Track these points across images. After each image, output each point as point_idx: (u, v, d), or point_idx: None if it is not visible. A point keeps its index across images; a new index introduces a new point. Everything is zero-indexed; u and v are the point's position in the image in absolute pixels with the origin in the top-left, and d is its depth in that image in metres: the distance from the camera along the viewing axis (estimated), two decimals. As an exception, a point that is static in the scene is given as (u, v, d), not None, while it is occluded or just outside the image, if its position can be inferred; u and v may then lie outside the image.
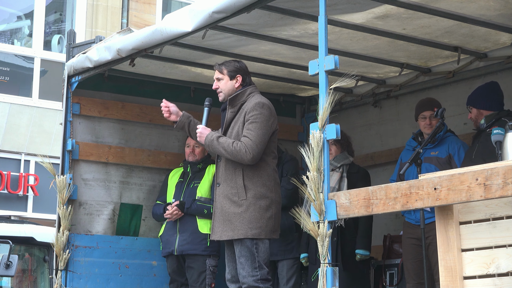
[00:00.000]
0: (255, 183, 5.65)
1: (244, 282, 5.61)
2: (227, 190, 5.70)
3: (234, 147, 5.60)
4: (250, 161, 5.60)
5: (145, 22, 14.69)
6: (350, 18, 6.10)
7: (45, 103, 14.05)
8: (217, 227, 5.75)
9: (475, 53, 6.95)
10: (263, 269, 5.61)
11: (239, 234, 5.60)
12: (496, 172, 4.03)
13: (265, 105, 5.71)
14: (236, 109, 5.79)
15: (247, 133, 5.63)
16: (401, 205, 4.50)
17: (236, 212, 5.63)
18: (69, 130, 7.30)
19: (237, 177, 5.67)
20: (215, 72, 5.90)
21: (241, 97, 5.80)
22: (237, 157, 5.61)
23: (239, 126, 5.72)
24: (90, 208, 7.39)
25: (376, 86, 7.93)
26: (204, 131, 5.79)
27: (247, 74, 5.89)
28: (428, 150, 6.49)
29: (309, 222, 4.91)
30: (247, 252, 5.60)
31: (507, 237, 4.16)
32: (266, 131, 5.66)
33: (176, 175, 7.35)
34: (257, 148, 5.59)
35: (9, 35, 14.74)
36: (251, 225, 5.59)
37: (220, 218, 5.73)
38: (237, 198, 5.64)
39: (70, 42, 7.45)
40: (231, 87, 5.83)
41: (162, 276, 7.45)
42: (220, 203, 5.73)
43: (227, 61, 5.94)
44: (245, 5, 5.53)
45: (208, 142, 5.75)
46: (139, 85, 7.67)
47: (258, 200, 5.62)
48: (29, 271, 8.53)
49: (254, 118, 5.65)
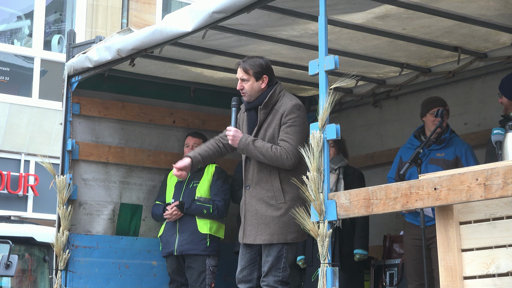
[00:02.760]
0: (292, 185, 5.47)
1: (264, 280, 5.54)
2: (262, 193, 5.55)
3: (274, 152, 5.46)
4: (291, 166, 5.48)
5: (145, 22, 14.69)
6: (350, 18, 6.10)
7: (45, 103, 14.04)
8: (249, 230, 5.58)
9: (475, 53, 6.95)
10: (286, 271, 5.53)
11: (278, 239, 5.48)
12: (496, 172, 4.03)
13: (301, 107, 5.61)
14: (268, 110, 5.61)
15: (287, 138, 5.49)
16: (401, 205, 4.50)
17: (274, 216, 5.50)
18: (69, 130, 7.30)
19: (273, 180, 5.53)
20: (239, 70, 5.66)
21: (273, 97, 5.62)
22: (277, 162, 5.47)
23: (274, 128, 5.57)
24: (90, 208, 7.39)
25: (376, 86, 7.92)
26: (237, 134, 5.58)
27: (272, 73, 5.71)
28: (434, 151, 6.47)
29: (309, 222, 4.91)
30: (277, 253, 5.51)
31: (507, 237, 4.16)
32: (304, 134, 5.53)
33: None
34: (297, 152, 5.37)
35: (9, 35, 14.74)
36: (290, 229, 5.48)
37: (253, 221, 5.56)
38: (275, 202, 5.51)
39: (70, 42, 7.45)
40: (257, 88, 5.63)
41: (162, 276, 7.45)
42: (254, 206, 5.57)
43: (251, 59, 5.69)
44: (245, 5, 5.53)
45: (242, 146, 5.55)
46: (139, 85, 7.67)
47: (296, 202, 5.42)
48: (29, 271, 8.53)
49: (293, 122, 5.51)
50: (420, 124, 6.77)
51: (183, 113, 7.87)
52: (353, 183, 6.76)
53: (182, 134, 7.72)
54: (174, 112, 7.83)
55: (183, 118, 7.86)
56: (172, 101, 7.86)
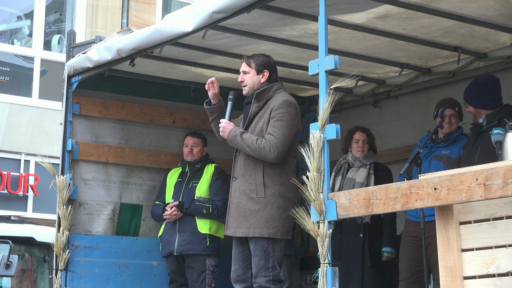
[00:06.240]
0: (275, 182, 5.57)
1: (255, 281, 5.57)
2: (245, 185, 5.62)
3: (258, 144, 5.53)
4: (273, 159, 5.53)
5: (145, 22, 14.69)
6: (350, 18, 6.10)
7: (45, 103, 14.05)
8: (231, 222, 5.67)
9: (475, 53, 6.95)
10: (276, 270, 5.56)
11: (254, 232, 5.54)
12: (496, 172, 4.03)
13: (292, 104, 5.65)
14: (261, 104, 5.70)
15: (272, 131, 5.56)
16: (401, 205, 4.50)
17: (253, 209, 5.56)
18: (69, 130, 7.30)
19: (257, 173, 5.60)
20: (242, 64, 5.79)
21: (268, 92, 5.71)
22: (260, 154, 5.54)
23: (263, 122, 5.65)
24: (90, 208, 7.39)
25: (376, 86, 7.93)
26: (228, 126, 5.72)
27: (274, 70, 5.81)
28: (440, 148, 6.51)
29: (309, 222, 4.91)
30: (262, 252, 5.55)
31: (507, 237, 4.16)
32: (292, 130, 5.60)
33: (174, 175, 7.35)
34: (281, 146, 5.51)
35: (9, 35, 14.74)
36: (268, 224, 5.53)
37: (235, 213, 5.65)
38: (255, 195, 5.57)
39: (70, 42, 7.45)
40: (257, 81, 5.75)
41: (162, 276, 7.45)
42: (236, 198, 5.66)
43: (256, 55, 5.83)
44: (245, 5, 5.53)
45: (231, 137, 5.67)
46: (139, 85, 7.67)
47: (277, 199, 5.54)
48: (29, 271, 8.53)
49: (281, 116, 5.58)
50: (420, 124, 6.78)
51: (183, 113, 7.87)
52: (382, 178, 6.77)
53: (182, 134, 7.72)
54: (174, 112, 7.83)
55: (183, 118, 7.87)
56: (172, 101, 7.86)
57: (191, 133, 7.44)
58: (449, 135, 6.50)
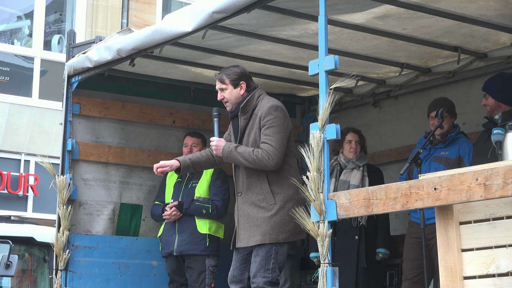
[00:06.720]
0: (282, 186, 5.57)
1: (253, 281, 5.56)
2: (253, 197, 5.60)
3: (256, 155, 5.50)
4: (273, 166, 5.52)
5: (145, 22, 14.69)
6: (350, 18, 6.10)
7: (45, 103, 14.05)
8: (242, 234, 5.64)
9: (475, 53, 6.95)
10: (275, 272, 5.55)
11: (270, 239, 5.51)
12: (496, 172, 4.03)
13: (279, 107, 5.63)
14: (248, 115, 5.68)
15: (266, 139, 5.54)
16: (401, 205, 4.50)
17: (265, 217, 5.54)
18: (69, 130, 7.30)
19: (262, 183, 5.58)
20: (217, 82, 5.76)
21: (251, 102, 5.68)
22: (260, 164, 5.51)
23: (255, 132, 5.62)
24: (90, 208, 7.39)
25: (376, 86, 7.93)
26: (219, 143, 5.66)
27: (249, 78, 5.79)
28: (439, 149, 6.49)
29: (309, 222, 4.91)
30: (264, 253, 5.54)
31: (507, 237, 4.16)
32: (284, 134, 5.59)
33: (174, 175, 7.34)
34: (279, 153, 5.50)
35: (9, 35, 14.74)
36: (282, 229, 5.52)
37: (246, 225, 5.62)
38: (266, 204, 5.55)
39: (70, 42, 7.45)
40: (237, 95, 5.70)
41: (162, 276, 7.44)
42: (246, 210, 5.62)
43: (225, 69, 5.78)
44: (245, 5, 5.53)
45: (226, 153, 5.62)
46: (139, 85, 7.67)
47: (287, 203, 5.52)
48: (29, 271, 8.53)
49: (271, 123, 5.56)
50: (420, 124, 6.77)
51: (183, 113, 7.87)
52: (376, 180, 6.76)
53: (182, 134, 7.72)
54: (174, 112, 7.84)
55: (183, 118, 7.87)
56: (172, 101, 7.86)
57: (190, 133, 7.44)
58: (446, 135, 6.49)
